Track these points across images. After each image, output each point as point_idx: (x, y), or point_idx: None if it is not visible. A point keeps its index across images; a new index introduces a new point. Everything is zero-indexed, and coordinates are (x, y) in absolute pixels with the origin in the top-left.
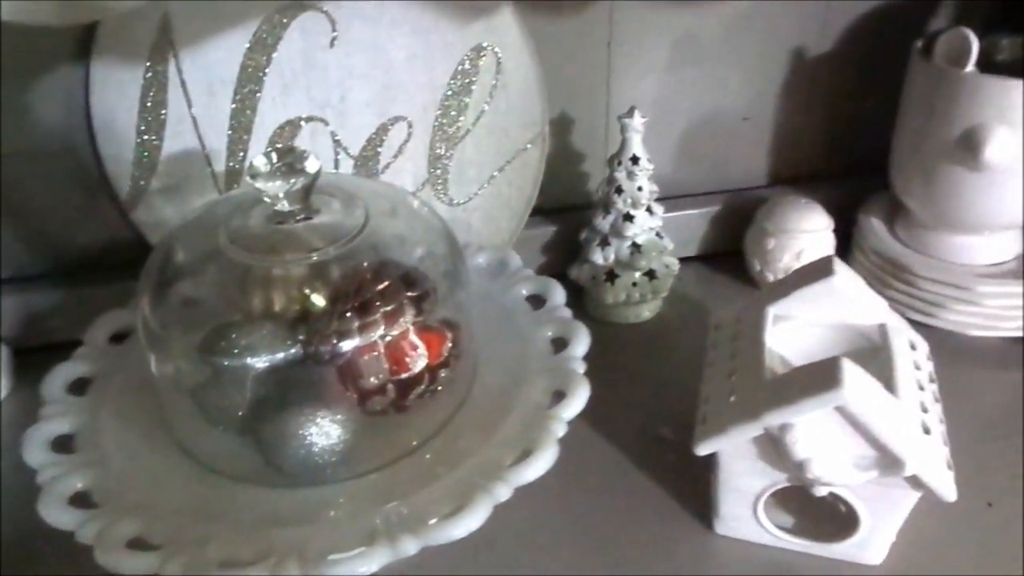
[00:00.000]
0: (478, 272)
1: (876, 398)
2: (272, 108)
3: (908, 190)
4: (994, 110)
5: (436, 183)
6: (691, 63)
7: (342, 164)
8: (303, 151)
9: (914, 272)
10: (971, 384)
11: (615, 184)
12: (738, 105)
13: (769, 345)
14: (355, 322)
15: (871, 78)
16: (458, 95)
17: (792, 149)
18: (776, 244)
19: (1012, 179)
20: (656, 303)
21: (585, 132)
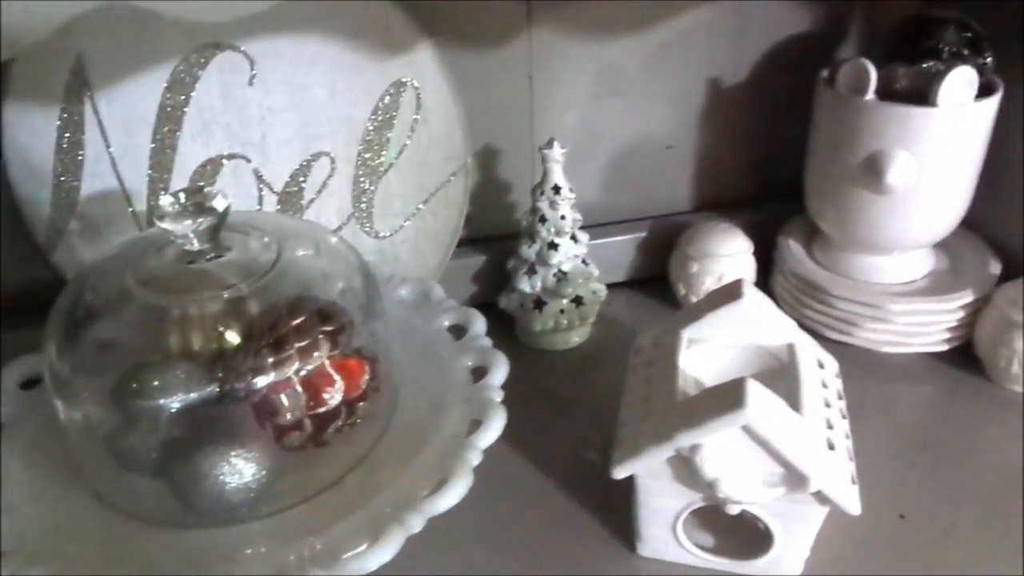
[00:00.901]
0: (401, 304)
1: (780, 417)
2: (192, 146)
3: (821, 213)
4: (894, 136)
5: (361, 217)
6: (613, 94)
7: (266, 200)
8: (211, 190)
9: (829, 292)
10: (885, 399)
11: (539, 213)
12: (660, 133)
13: (683, 368)
14: (269, 358)
15: (785, 106)
16: (379, 130)
17: (714, 175)
18: (699, 268)
19: (915, 201)
20: (585, 328)
21: (511, 163)
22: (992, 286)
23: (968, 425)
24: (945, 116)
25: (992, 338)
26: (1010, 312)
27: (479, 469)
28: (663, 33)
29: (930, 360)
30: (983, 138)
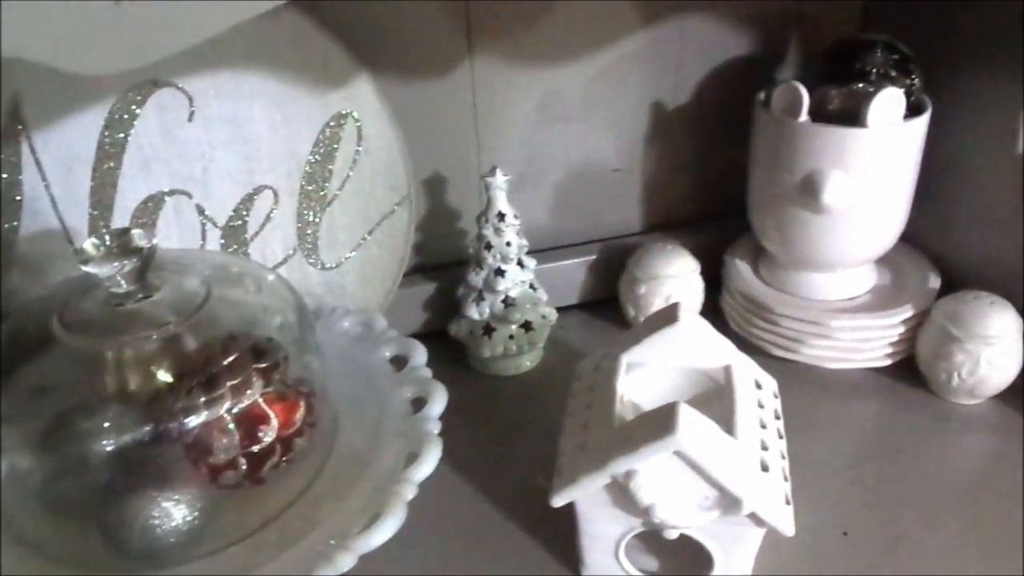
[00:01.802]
0: (344, 336)
1: (713, 440)
2: (133, 183)
3: (764, 233)
4: (828, 156)
5: (306, 249)
6: (557, 119)
7: (209, 235)
8: (137, 231)
9: (773, 310)
10: (830, 415)
11: (484, 241)
12: (607, 157)
13: (622, 393)
14: (201, 397)
15: (728, 127)
16: (322, 163)
17: (662, 197)
18: (647, 290)
19: (852, 219)
20: (536, 353)
21: (458, 190)
22: (932, 300)
23: (911, 438)
24: (876, 136)
25: (932, 352)
26: (948, 326)
27: (427, 498)
28: (605, 59)
29: (874, 375)
30: (915, 156)
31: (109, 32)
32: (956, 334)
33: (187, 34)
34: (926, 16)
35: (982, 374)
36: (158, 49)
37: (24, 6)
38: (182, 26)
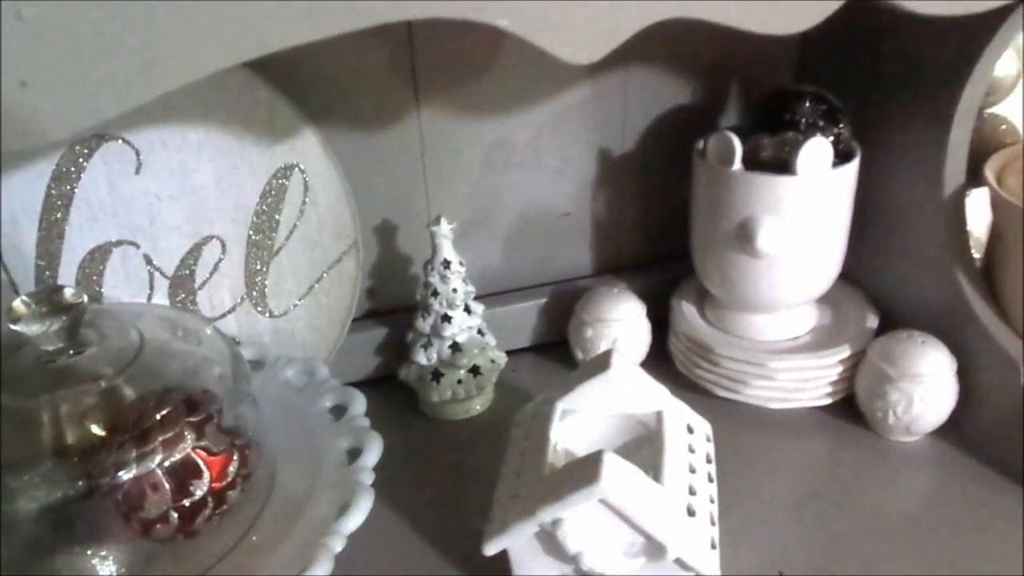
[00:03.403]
0: (286, 385)
1: (637, 488)
2: (80, 234)
3: (707, 275)
4: (761, 203)
5: (254, 297)
6: (506, 167)
7: (157, 285)
8: (68, 288)
9: (716, 352)
10: (771, 455)
11: (431, 288)
12: (556, 202)
13: (556, 440)
14: (132, 452)
15: (672, 172)
16: (269, 213)
17: (610, 240)
18: (593, 333)
19: (788, 262)
20: (486, 396)
21: (409, 236)
22: (869, 340)
23: (850, 477)
24: (805, 183)
25: (869, 391)
26: (883, 366)
27: (367, 546)
28: (551, 108)
29: (815, 414)
30: (845, 201)
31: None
32: (890, 373)
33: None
34: (855, 67)
35: (916, 412)
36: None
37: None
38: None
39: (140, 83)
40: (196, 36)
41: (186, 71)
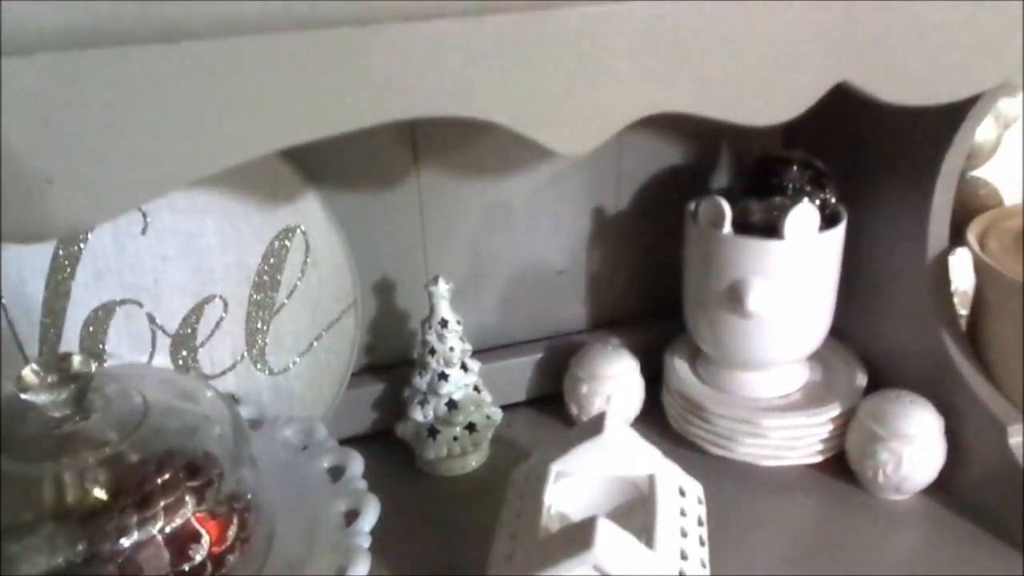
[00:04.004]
0: (285, 445)
1: (630, 554)
2: (86, 293)
3: (698, 333)
4: (751, 265)
5: (254, 355)
6: (503, 225)
7: (159, 343)
8: (76, 356)
9: (709, 409)
10: (763, 513)
11: (428, 346)
12: (551, 259)
13: (550, 503)
14: (134, 517)
15: (665, 231)
16: (270, 273)
17: (604, 296)
18: (588, 389)
19: (778, 323)
20: (482, 452)
21: (407, 293)
22: (859, 398)
23: (841, 535)
24: (793, 247)
25: (859, 450)
26: (872, 426)
27: None
28: (547, 169)
29: (807, 471)
30: (833, 263)
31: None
32: (880, 433)
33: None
34: (841, 132)
35: (905, 472)
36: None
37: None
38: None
39: (160, 178)
40: (211, 134)
41: (202, 166)
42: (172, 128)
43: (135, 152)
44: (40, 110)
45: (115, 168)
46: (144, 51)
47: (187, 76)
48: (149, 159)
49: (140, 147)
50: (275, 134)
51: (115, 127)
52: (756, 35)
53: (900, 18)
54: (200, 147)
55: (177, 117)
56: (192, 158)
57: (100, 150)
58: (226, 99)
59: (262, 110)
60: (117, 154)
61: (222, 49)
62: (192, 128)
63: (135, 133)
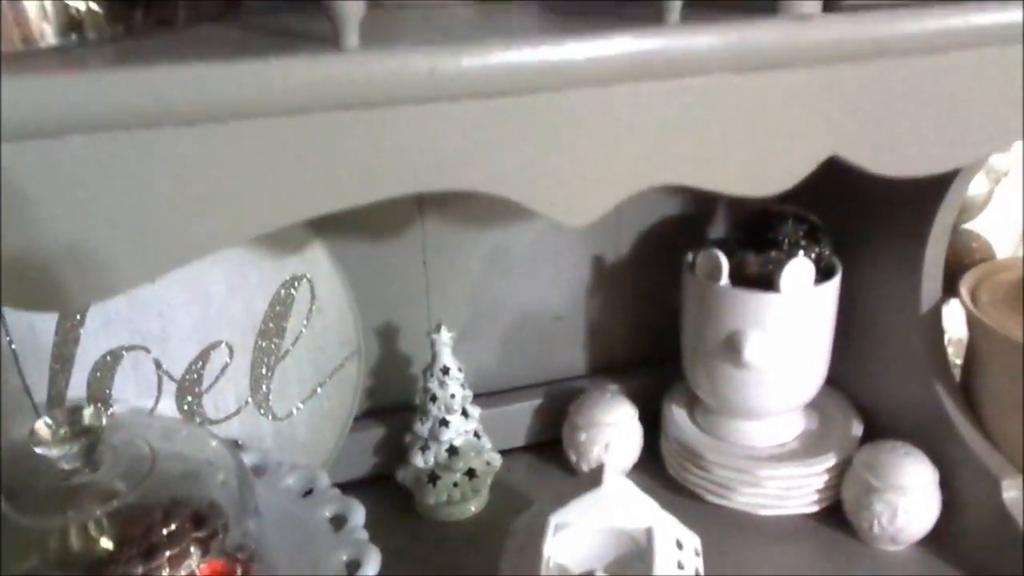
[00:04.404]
0: (287, 493)
1: None
2: (95, 339)
3: (696, 382)
4: (748, 317)
5: (258, 401)
6: (504, 272)
7: (165, 388)
8: (87, 409)
9: (707, 458)
10: (760, 563)
11: (429, 392)
12: (550, 306)
13: (549, 555)
14: (139, 568)
15: (664, 279)
16: (276, 320)
17: (603, 342)
18: (587, 437)
19: (774, 373)
20: (482, 498)
21: (410, 339)
22: (855, 447)
23: None
24: (788, 301)
25: (855, 501)
26: (867, 476)
27: None
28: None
29: (804, 521)
30: (828, 316)
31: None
32: (875, 484)
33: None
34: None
35: (900, 523)
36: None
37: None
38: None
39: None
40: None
41: (223, 240)
42: (195, 203)
43: (159, 226)
44: (69, 188)
45: (141, 242)
46: (169, 133)
47: (209, 156)
48: (172, 233)
49: (165, 221)
50: (293, 208)
51: (141, 203)
52: (749, 112)
53: (888, 94)
54: (221, 221)
55: (200, 193)
56: (213, 232)
57: (129, 225)
58: (246, 176)
59: (281, 186)
60: (143, 228)
61: (242, 130)
62: (213, 204)
63: (160, 208)
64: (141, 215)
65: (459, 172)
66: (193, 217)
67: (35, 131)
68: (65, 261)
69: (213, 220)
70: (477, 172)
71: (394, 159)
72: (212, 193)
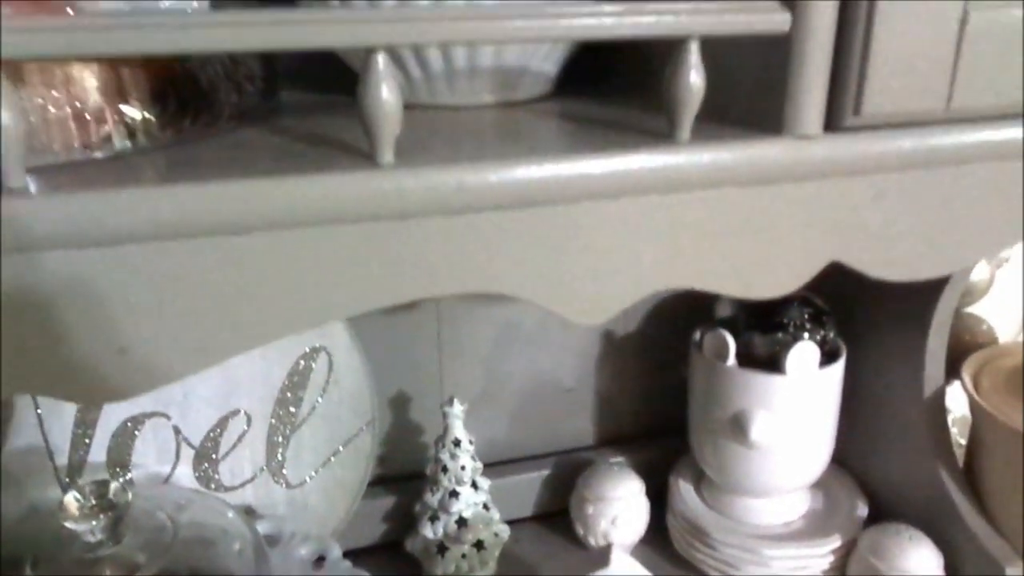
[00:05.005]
0: (300, 564)
1: None
2: (117, 405)
3: (703, 458)
4: (754, 398)
5: (273, 468)
6: (516, 344)
7: (183, 454)
8: (114, 484)
9: (712, 535)
10: None
11: (440, 464)
12: (560, 377)
13: None
14: None
15: (672, 354)
16: (294, 390)
17: (612, 415)
18: (594, 511)
19: (780, 452)
20: (489, 569)
21: (422, 407)
22: (860, 528)
23: None
24: (794, 383)
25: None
26: (872, 560)
27: None
28: None
29: None
30: (833, 398)
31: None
32: (880, 568)
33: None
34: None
35: None
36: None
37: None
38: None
39: (223, 348)
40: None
41: (261, 337)
42: (237, 304)
43: (203, 326)
44: (120, 292)
45: (185, 339)
46: (216, 241)
47: (252, 261)
48: (214, 331)
49: (209, 321)
50: (326, 310)
51: (189, 305)
52: (753, 222)
53: (886, 204)
54: (260, 321)
55: (242, 295)
56: (252, 331)
57: (177, 325)
58: (284, 280)
59: (317, 289)
60: (189, 328)
61: (282, 238)
62: (253, 305)
63: (206, 309)
64: (188, 316)
65: (482, 276)
66: (235, 317)
67: (94, 240)
68: (114, 359)
69: (252, 320)
70: (498, 276)
71: (421, 264)
72: (253, 295)
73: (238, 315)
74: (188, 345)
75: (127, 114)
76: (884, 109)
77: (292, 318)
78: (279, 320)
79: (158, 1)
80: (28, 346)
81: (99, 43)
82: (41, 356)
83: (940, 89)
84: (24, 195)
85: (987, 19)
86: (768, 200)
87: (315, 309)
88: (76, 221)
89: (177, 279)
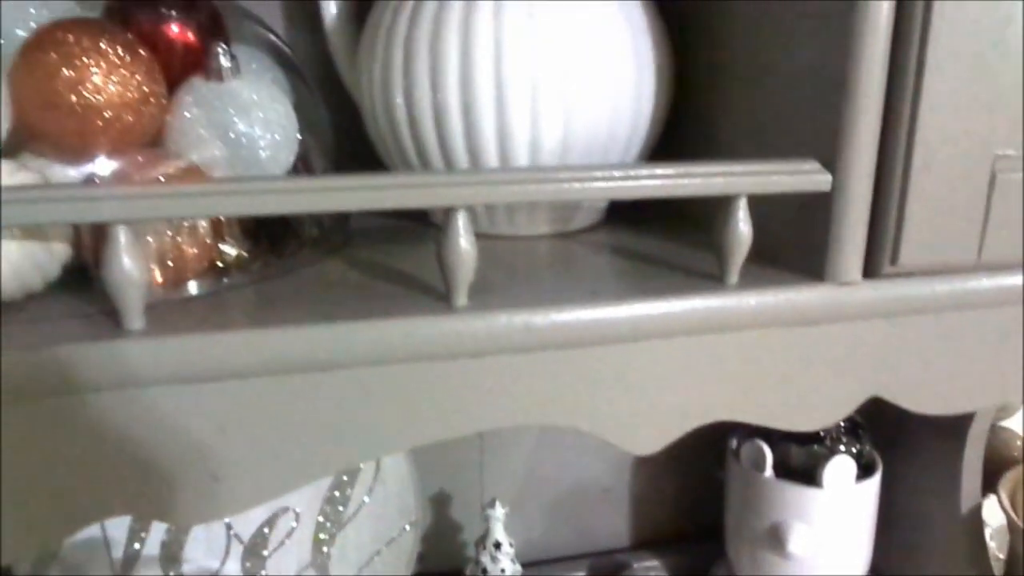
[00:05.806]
0: None
1: None
2: None
3: (739, 566)
4: (792, 510)
5: (318, 566)
6: (555, 446)
7: (232, 549)
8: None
9: None
10: None
11: (481, 566)
12: (598, 478)
13: None
14: None
15: (706, 456)
16: (342, 489)
17: (649, 515)
18: None
19: (817, 563)
20: None
21: (463, 506)
22: None
23: None
24: (831, 496)
25: None
26: None
27: None
28: None
29: None
30: (869, 510)
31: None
32: None
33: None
34: None
35: None
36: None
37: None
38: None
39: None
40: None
41: (338, 464)
42: (316, 435)
43: (282, 454)
44: (214, 424)
45: (271, 467)
46: (300, 378)
47: (334, 395)
48: (290, 460)
49: (287, 450)
50: (401, 440)
51: (274, 435)
52: (797, 360)
53: (924, 343)
54: (336, 451)
55: (321, 426)
56: (327, 460)
57: (262, 453)
58: (361, 412)
59: (392, 421)
60: (274, 456)
61: (363, 374)
62: (331, 436)
63: (286, 439)
64: (275, 445)
65: (544, 410)
66: (317, 446)
67: (195, 377)
68: (208, 485)
69: (332, 448)
70: (560, 410)
71: (489, 398)
72: (335, 425)
73: (320, 444)
74: (274, 472)
75: (225, 252)
76: (920, 260)
77: (369, 447)
78: (357, 449)
79: (257, 151)
80: (125, 475)
81: (213, 206)
82: (140, 483)
83: (972, 242)
84: (139, 337)
85: (1012, 180)
86: (811, 340)
87: (390, 439)
88: (179, 361)
89: (266, 411)
